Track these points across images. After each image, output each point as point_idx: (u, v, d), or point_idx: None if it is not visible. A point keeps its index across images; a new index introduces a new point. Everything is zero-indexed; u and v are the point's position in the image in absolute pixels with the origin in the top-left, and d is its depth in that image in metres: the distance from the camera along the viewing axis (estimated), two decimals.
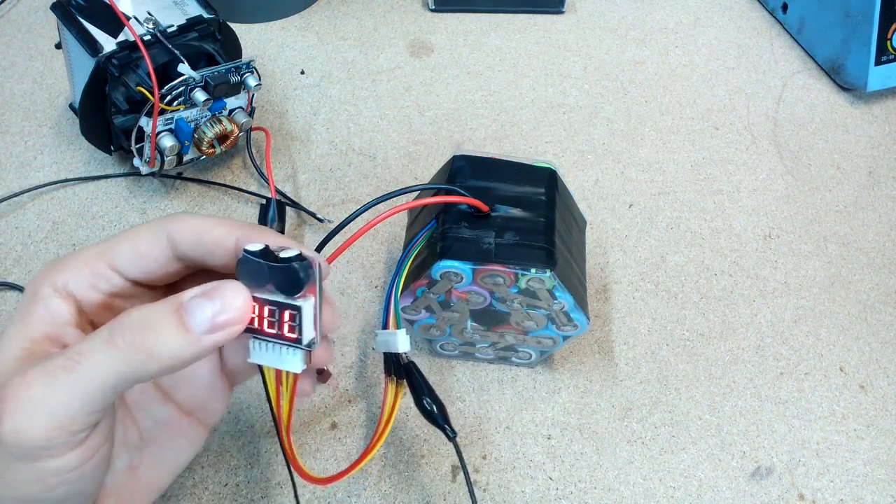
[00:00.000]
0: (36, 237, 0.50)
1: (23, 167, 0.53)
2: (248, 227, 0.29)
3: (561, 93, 0.62)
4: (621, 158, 0.58)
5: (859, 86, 0.62)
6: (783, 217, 0.55)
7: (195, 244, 0.29)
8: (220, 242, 0.28)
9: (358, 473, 0.41)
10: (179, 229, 0.28)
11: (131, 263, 0.28)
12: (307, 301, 0.27)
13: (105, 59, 0.46)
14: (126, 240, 0.29)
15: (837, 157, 0.59)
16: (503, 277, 0.37)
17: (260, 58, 0.62)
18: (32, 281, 0.28)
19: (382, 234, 0.51)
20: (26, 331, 0.27)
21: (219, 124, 0.49)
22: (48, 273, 0.28)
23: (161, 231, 0.28)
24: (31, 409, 0.24)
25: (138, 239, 0.29)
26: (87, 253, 0.28)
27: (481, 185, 0.39)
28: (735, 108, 0.62)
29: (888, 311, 0.50)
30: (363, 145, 0.57)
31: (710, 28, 0.69)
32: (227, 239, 0.28)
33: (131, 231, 0.29)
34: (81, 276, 0.28)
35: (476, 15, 0.68)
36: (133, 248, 0.28)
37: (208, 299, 0.26)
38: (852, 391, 0.46)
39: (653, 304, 0.49)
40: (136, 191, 0.53)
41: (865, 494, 0.42)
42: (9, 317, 0.46)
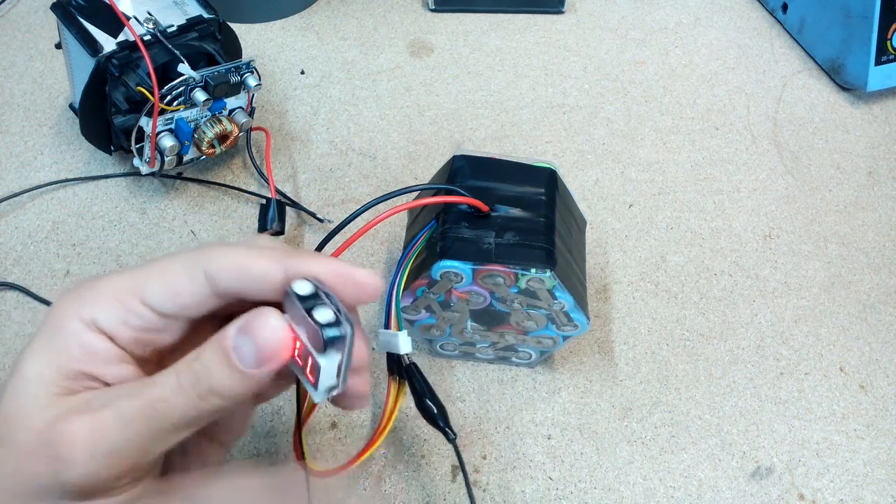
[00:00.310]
0: (36, 237, 0.50)
1: (23, 167, 0.53)
2: (294, 256, 0.27)
3: (561, 93, 0.62)
4: (621, 158, 0.58)
5: (859, 86, 0.62)
6: (783, 217, 0.55)
7: (236, 280, 0.26)
8: (265, 277, 0.26)
9: (358, 473, 0.41)
10: (217, 266, 0.26)
11: (165, 301, 0.26)
12: (330, 360, 0.26)
13: (105, 59, 0.46)
14: (157, 275, 0.26)
15: (837, 157, 0.59)
16: (503, 277, 0.37)
17: (260, 58, 0.62)
18: (56, 310, 0.26)
19: (382, 234, 0.51)
20: (59, 366, 0.26)
21: (219, 124, 0.49)
22: (73, 304, 0.26)
23: (196, 268, 0.26)
24: (104, 453, 0.24)
25: (170, 276, 0.26)
26: (116, 285, 0.26)
27: (481, 185, 0.39)
28: (735, 108, 0.62)
29: (888, 311, 0.50)
30: (363, 145, 0.57)
31: (710, 28, 0.69)
32: (272, 273, 0.26)
33: (162, 264, 0.27)
34: (112, 312, 0.26)
35: (476, 15, 0.68)
36: (165, 285, 0.26)
37: (248, 336, 0.25)
38: (852, 391, 0.46)
39: (653, 304, 0.49)
40: (136, 191, 0.53)
41: (865, 494, 0.42)
42: (18, 324, 0.46)
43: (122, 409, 0.24)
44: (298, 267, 0.26)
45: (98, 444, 0.24)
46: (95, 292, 0.26)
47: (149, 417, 0.25)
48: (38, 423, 0.25)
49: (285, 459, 0.41)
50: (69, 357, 0.26)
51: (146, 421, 0.24)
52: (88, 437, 0.24)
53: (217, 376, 0.25)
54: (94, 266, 0.49)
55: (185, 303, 0.26)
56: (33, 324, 0.46)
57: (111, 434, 0.24)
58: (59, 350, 0.26)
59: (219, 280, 0.26)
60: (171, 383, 0.25)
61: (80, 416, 0.25)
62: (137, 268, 0.27)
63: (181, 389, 0.25)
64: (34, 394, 0.25)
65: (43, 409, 0.25)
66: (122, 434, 0.24)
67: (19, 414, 0.25)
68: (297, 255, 0.27)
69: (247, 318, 0.25)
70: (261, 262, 0.26)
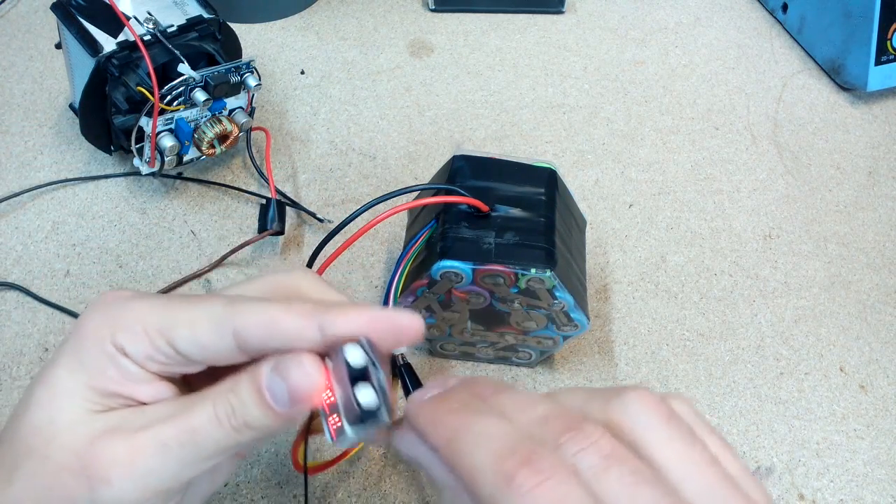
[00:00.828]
0: (36, 237, 0.50)
1: (23, 167, 0.53)
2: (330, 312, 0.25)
3: (561, 93, 0.62)
4: (621, 158, 0.58)
5: (859, 86, 0.62)
6: (783, 217, 0.55)
7: (266, 339, 0.25)
8: (298, 336, 0.25)
9: (358, 473, 0.41)
10: (246, 324, 0.25)
11: (192, 351, 0.26)
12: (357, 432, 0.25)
13: (105, 59, 0.46)
14: (185, 326, 0.26)
15: (837, 157, 0.59)
16: (503, 277, 0.37)
17: (260, 58, 0.62)
18: (85, 327, 0.26)
19: (382, 234, 0.51)
20: (93, 385, 0.26)
21: (219, 124, 0.49)
22: (104, 326, 0.26)
23: (225, 326, 0.25)
24: (141, 476, 0.25)
25: (198, 329, 0.25)
26: (147, 319, 0.26)
27: (481, 185, 0.39)
28: (735, 108, 0.62)
29: (888, 311, 0.50)
30: (363, 145, 0.57)
31: (710, 28, 0.69)
32: (306, 332, 0.25)
33: (192, 313, 0.26)
34: (141, 346, 0.26)
35: (476, 15, 0.68)
36: (193, 336, 0.25)
37: (282, 379, 0.25)
38: (852, 391, 0.46)
39: (653, 304, 0.49)
40: (136, 191, 0.53)
41: (865, 494, 0.42)
42: (18, 324, 0.46)
43: (159, 435, 0.25)
44: (335, 325, 0.25)
45: (135, 466, 0.25)
46: (127, 321, 0.26)
47: (185, 445, 0.25)
48: (74, 441, 0.25)
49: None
50: (104, 377, 0.26)
51: (182, 448, 0.25)
52: (126, 459, 0.25)
53: (251, 411, 0.25)
54: (94, 266, 0.49)
55: (211, 357, 0.26)
56: (33, 323, 0.46)
57: (148, 459, 0.25)
58: (93, 370, 0.26)
59: (247, 338, 0.25)
60: (209, 414, 0.25)
61: (118, 438, 0.25)
62: (167, 304, 0.26)
63: (218, 421, 0.25)
64: (68, 408, 0.26)
65: (78, 426, 0.25)
66: (159, 460, 0.25)
67: (52, 428, 0.25)
68: (333, 312, 0.25)
69: (281, 359, 0.25)
70: (294, 322, 0.25)
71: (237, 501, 0.40)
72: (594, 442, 0.21)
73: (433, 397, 0.25)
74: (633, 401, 0.23)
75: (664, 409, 0.23)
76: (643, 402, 0.22)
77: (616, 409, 0.23)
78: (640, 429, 0.22)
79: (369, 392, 0.25)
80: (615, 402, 0.23)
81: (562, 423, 0.22)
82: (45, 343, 0.45)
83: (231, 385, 0.26)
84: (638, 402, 0.22)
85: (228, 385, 0.26)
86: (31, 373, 0.43)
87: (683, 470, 0.21)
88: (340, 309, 0.25)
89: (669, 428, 0.22)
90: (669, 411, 0.23)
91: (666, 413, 0.22)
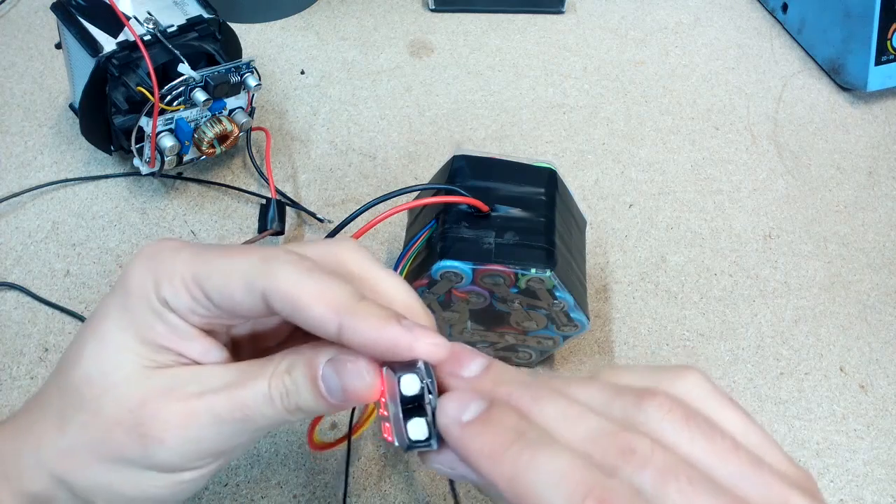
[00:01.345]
0: (36, 237, 0.50)
1: (23, 167, 0.53)
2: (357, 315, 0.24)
3: (561, 93, 0.62)
4: (621, 158, 0.58)
5: (859, 86, 0.62)
6: (783, 217, 0.55)
7: (289, 314, 0.25)
8: (321, 325, 0.25)
9: (358, 473, 0.41)
10: (275, 295, 0.25)
11: (224, 303, 0.26)
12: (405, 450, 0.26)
13: (105, 59, 0.46)
14: (218, 277, 0.26)
15: (837, 157, 0.59)
16: (503, 277, 0.37)
17: (260, 58, 0.62)
18: (132, 280, 0.26)
19: (382, 234, 0.51)
20: (143, 339, 0.26)
21: (219, 124, 0.49)
22: (149, 280, 0.26)
23: (255, 286, 0.25)
24: (195, 441, 0.26)
25: (231, 283, 0.25)
26: (184, 270, 0.26)
27: (481, 185, 0.39)
28: (735, 108, 0.62)
29: (888, 311, 0.50)
30: (363, 145, 0.57)
31: (710, 28, 0.69)
32: (328, 324, 0.24)
33: (225, 266, 0.26)
34: (182, 300, 0.26)
35: (476, 15, 0.68)
36: (225, 288, 0.26)
37: (339, 376, 0.25)
38: (852, 391, 0.46)
39: (653, 304, 0.49)
40: (136, 191, 0.53)
41: (865, 494, 0.42)
42: (18, 324, 0.46)
43: (213, 406, 0.26)
44: (354, 332, 0.24)
45: (189, 431, 0.26)
46: (167, 273, 0.26)
47: (238, 420, 0.26)
48: (128, 397, 0.26)
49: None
50: (153, 333, 0.26)
51: (235, 422, 0.26)
52: (180, 423, 0.25)
53: (304, 397, 0.26)
54: (94, 266, 0.49)
55: (244, 312, 0.26)
56: (33, 323, 0.46)
57: (202, 427, 0.26)
58: (142, 326, 0.26)
59: (273, 304, 0.25)
60: (263, 392, 0.26)
61: (174, 401, 0.26)
62: (204, 254, 0.26)
63: (271, 400, 0.26)
64: (121, 363, 0.26)
65: (132, 382, 0.26)
66: (213, 429, 0.26)
67: (106, 381, 0.26)
68: (358, 317, 0.24)
69: (341, 355, 0.25)
70: (317, 310, 0.24)
71: (237, 501, 0.40)
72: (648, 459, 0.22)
73: (478, 420, 0.24)
74: (653, 409, 0.23)
75: (680, 411, 0.23)
76: (662, 407, 0.23)
77: (641, 417, 0.23)
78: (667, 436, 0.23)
79: (421, 425, 0.24)
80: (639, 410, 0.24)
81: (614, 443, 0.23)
82: (45, 343, 0.45)
83: (287, 367, 0.26)
84: (657, 410, 0.23)
85: (285, 366, 0.26)
86: (31, 373, 0.44)
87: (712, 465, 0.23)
88: (367, 319, 0.25)
89: (689, 429, 0.23)
90: (685, 412, 0.23)
91: (682, 414, 0.23)
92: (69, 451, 0.26)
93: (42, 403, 0.28)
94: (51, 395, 0.28)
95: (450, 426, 0.24)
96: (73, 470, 0.26)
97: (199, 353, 0.27)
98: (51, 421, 0.27)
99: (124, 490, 0.27)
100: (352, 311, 0.24)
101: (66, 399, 0.27)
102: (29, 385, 0.43)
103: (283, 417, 0.26)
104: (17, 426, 0.28)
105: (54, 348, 0.45)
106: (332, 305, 0.24)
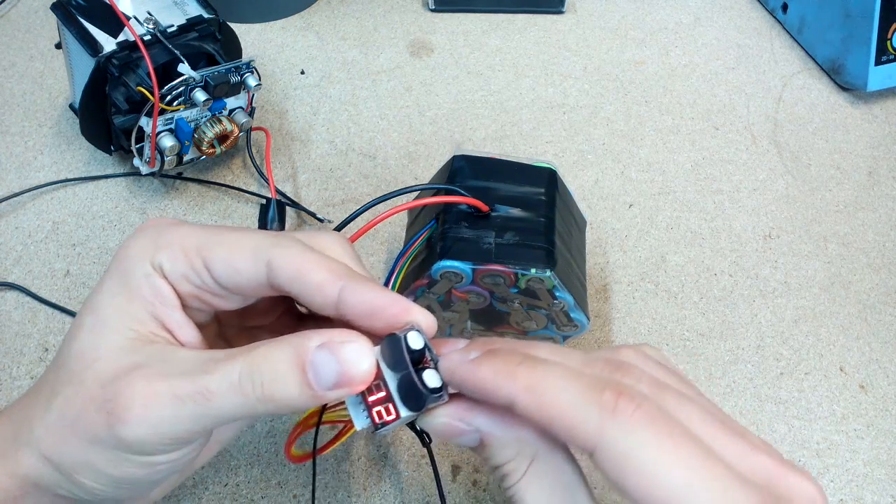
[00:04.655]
0: (36, 237, 0.50)
1: (23, 167, 0.53)
2: (354, 280, 0.26)
3: (561, 93, 0.62)
4: (621, 158, 0.58)
5: (859, 86, 0.62)
6: (783, 217, 0.55)
7: (293, 282, 0.26)
8: (320, 290, 0.26)
9: (358, 473, 0.41)
10: (280, 261, 0.26)
11: (225, 273, 0.27)
12: (409, 415, 0.26)
13: (105, 59, 0.46)
14: (226, 247, 0.27)
15: (837, 157, 0.59)
16: (503, 277, 0.37)
17: (260, 58, 0.62)
18: (128, 250, 0.27)
19: (382, 234, 0.51)
20: (131, 310, 0.26)
21: (219, 124, 0.49)
22: (147, 247, 0.27)
23: (262, 256, 0.26)
24: (155, 423, 0.25)
25: (237, 254, 0.26)
26: (186, 240, 0.27)
27: (481, 185, 0.39)
28: (735, 108, 0.62)
29: (888, 311, 0.50)
30: (363, 145, 0.57)
31: (710, 28, 0.69)
32: (328, 287, 0.26)
33: (233, 239, 0.27)
34: (178, 265, 0.26)
35: (476, 15, 0.68)
36: (229, 260, 0.26)
37: (334, 358, 0.24)
38: (852, 391, 0.46)
39: (653, 304, 0.49)
40: (136, 191, 0.53)
41: (865, 494, 0.42)
42: (18, 324, 0.46)
43: (175, 389, 0.25)
44: (354, 293, 0.26)
45: (149, 412, 0.25)
46: (167, 240, 0.27)
47: (199, 405, 0.25)
48: (105, 371, 0.25)
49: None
50: (141, 298, 0.26)
51: (196, 407, 0.25)
52: (142, 403, 0.25)
53: (282, 387, 0.24)
54: (94, 266, 0.49)
55: (242, 283, 0.27)
56: (33, 324, 0.46)
57: (162, 408, 0.25)
58: (131, 291, 0.26)
59: (277, 274, 0.26)
60: (231, 380, 0.24)
61: (139, 378, 0.25)
62: (212, 229, 0.27)
63: (239, 388, 0.24)
64: (109, 334, 0.26)
65: (113, 355, 0.26)
66: (172, 412, 0.25)
67: (92, 354, 0.26)
68: (358, 282, 0.26)
69: (333, 335, 0.25)
70: (320, 275, 0.26)
71: (237, 501, 0.40)
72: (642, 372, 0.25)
73: (484, 355, 0.25)
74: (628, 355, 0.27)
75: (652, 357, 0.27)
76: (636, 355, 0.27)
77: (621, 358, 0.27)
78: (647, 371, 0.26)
79: (433, 375, 0.26)
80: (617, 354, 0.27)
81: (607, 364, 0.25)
82: (45, 343, 0.45)
83: (265, 353, 0.25)
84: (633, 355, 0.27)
85: (262, 352, 0.25)
86: (31, 373, 0.44)
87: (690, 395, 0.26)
88: (365, 283, 0.26)
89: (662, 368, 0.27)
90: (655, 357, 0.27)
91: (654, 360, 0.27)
92: (53, 427, 0.26)
93: (39, 383, 0.28)
94: (47, 374, 0.27)
95: (459, 365, 0.25)
96: (56, 447, 0.26)
97: (176, 324, 0.27)
98: (43, 397, 0.27)
99: (106, 469, 0.26)
100: (351, 277, 0.26)
101: (58, 374, 0.26)
102: (29, 385, 0.43)
103: (250, 409, 0.25)
104: (16, 408, 0.28)
105: (54, 348, 0.45)
106: (334, 272, 0.26)
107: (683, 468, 0.22)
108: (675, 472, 0.22)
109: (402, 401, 0.25)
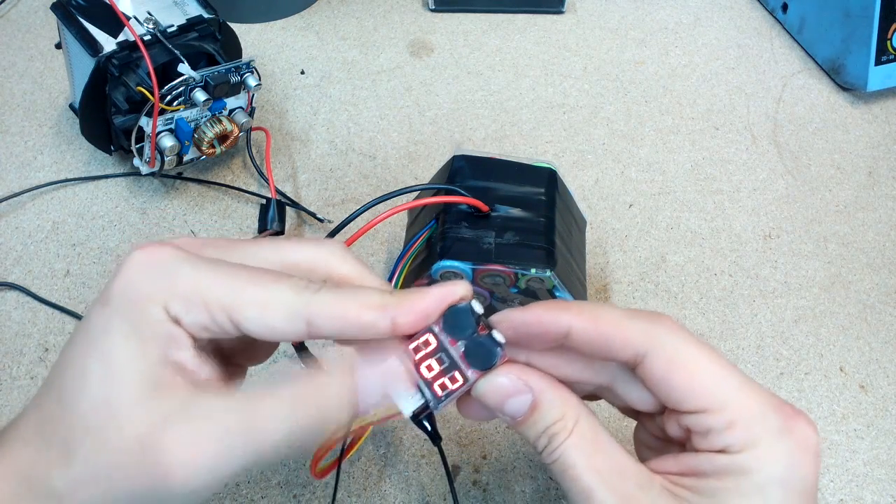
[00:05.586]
0: (36, 237, 0.50)
1: (23, 167, 0.53)
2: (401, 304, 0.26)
3: (561, 93, 0.62)
4: (621, 158, 0.58)
5: (859, 86, 0.62)
6: (783, 217, 0.55)
7: (340, 333, 0.26)
8: (373, 329, 0.26)
9: (358, 473, 0.41)
10: (321, 320, 0.25)
11: (258, 331, 0.26)
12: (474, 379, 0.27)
13: (105, 59, 0.46)
14: (256, 308, 0.25)
15: (837, 157, 0.59)
16: (503, 277, 0.37)
17: (260, 58, 0.62)
18: (134, 285, 0.26)
19: (382, 234, 0.51)
20: (147, 357, 0.25)
21: (219, 124, 0.49)
22: (159, 289, 0.25)
23: (298, 315, 0.25)
24: (202, 469, 0.24)
25: (270, 314, 0.25)
26: (208, 293, 0.25)
27: (481, 185, 0.39)
28: (735, 108, 0.62)
29: (888, 311, 0.50)
30: (363, 145, 0.57)
31: (710, 28, 0.69)
32: (381, 324, 0.26)
33: (264, 296, 0.26)
34: (199, 318, 0.25)
35: (476, 15, 0.68)
36: (262, 319, 0.25)
37: (382, 381, 0.26)
38: (852, 391, 0.46)
39: (653, 304, 0.49)
40: (136, 191, 0.53)
41: (865, 494, 0.42)
42: (18, 324, 0.46)
43: (222, 425, 0.24)
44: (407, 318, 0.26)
45: (197, 459, 0.24)
46: (184, 290, 0.25)
47: (250, 441, 0.24)
48: (134, 425, 0.24)
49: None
50: (155, 345, 0.25)
51: (246, 444, 0.24)
52: (188, 451, 0.24)
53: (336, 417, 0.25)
54: (94, 266, 0.49)
55: (278, 337, 0.26)
56: (33, 324, 0.46)
57: (210, 452, 0.24)
58: (145, 338, 0.25)
59: (321, 327, 0.26)
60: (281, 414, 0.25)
61: (179, 426, 0.24)
62: (232, 277, 0.26)
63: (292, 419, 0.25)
64: (126, 383, 0.25)
65: (137, 407, 0.24)
66: (222, 453, 0.24)
67: (111, 408, 0.25)
68: (404, 305, 0.26)
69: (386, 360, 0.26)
70: (369, 316, 0.26)
71: (237, 501, 0.40)
72: None
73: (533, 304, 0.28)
74: None
75: None
76: None
77: None
78: None
79: (495, 332, 0.28)
80: None
81: None
82: (45, 343, 0.45)
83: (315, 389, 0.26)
84: None
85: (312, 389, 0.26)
86: (30, 373, 0.44)
87: None
88: (408, 301, 0.27)
89: None
90: None
91: None
92: (82, 483, 0.25)
93: (38, 427, 0.26)
94: (49, 420, 0.26)
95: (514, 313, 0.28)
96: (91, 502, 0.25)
97: (193, 364, 0.26)
98: (54, 449, 0.25)
99: None
100: (397, 304, 0.26)
101: (71, 427, 0.25)
102: (29, 385, 0.43)
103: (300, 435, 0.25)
104: (11, 457, 0.26)
105: (54, 348, 0.45)
106: (377, 307, 0.26)
107: (719, 366, 0.27)
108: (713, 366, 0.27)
109: (471, 364, 0.27)
